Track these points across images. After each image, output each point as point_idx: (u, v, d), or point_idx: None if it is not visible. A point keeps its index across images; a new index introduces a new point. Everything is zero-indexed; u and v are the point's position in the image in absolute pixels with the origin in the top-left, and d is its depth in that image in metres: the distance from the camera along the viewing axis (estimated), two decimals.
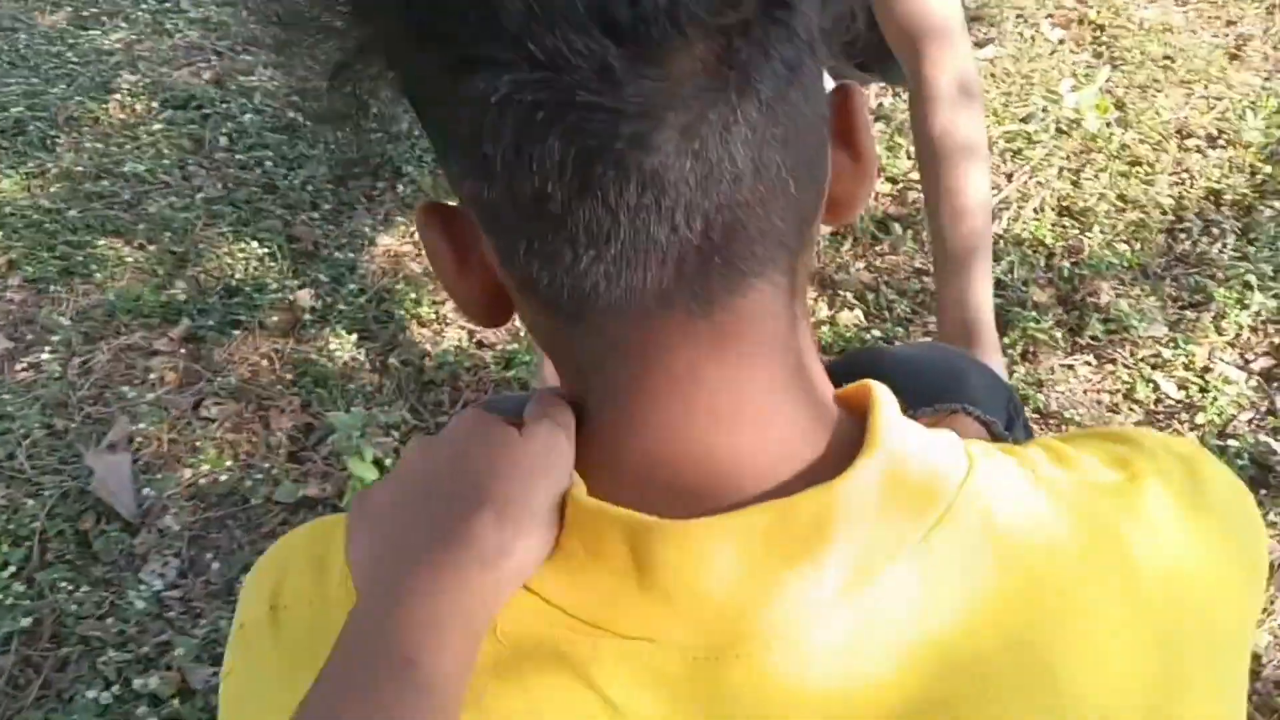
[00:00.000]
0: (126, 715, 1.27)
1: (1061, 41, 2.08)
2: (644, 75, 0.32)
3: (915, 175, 1.80)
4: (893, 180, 1.80)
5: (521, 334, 1.62)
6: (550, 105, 0.32)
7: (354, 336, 1.67)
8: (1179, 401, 1.41)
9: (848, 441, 0.39)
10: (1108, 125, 1.84)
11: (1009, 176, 1.78)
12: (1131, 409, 1.41)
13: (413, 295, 1.71)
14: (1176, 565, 0.40)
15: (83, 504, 1.48)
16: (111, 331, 1.73)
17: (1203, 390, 1.42)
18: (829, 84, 0.41)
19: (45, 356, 1.69)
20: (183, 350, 1.69)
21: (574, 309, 0.38)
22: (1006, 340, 1.51)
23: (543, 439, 0.39)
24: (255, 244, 1.84)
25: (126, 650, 1.33)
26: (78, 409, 1.61)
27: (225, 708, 0.45)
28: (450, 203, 0.42)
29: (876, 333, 1.54)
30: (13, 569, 1.41)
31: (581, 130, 0.33)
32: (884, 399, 0.41)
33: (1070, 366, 1.47)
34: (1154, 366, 1.46)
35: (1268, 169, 1.73)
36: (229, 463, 1.51)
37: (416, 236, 1.84)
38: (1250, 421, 1.38)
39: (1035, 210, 1.71)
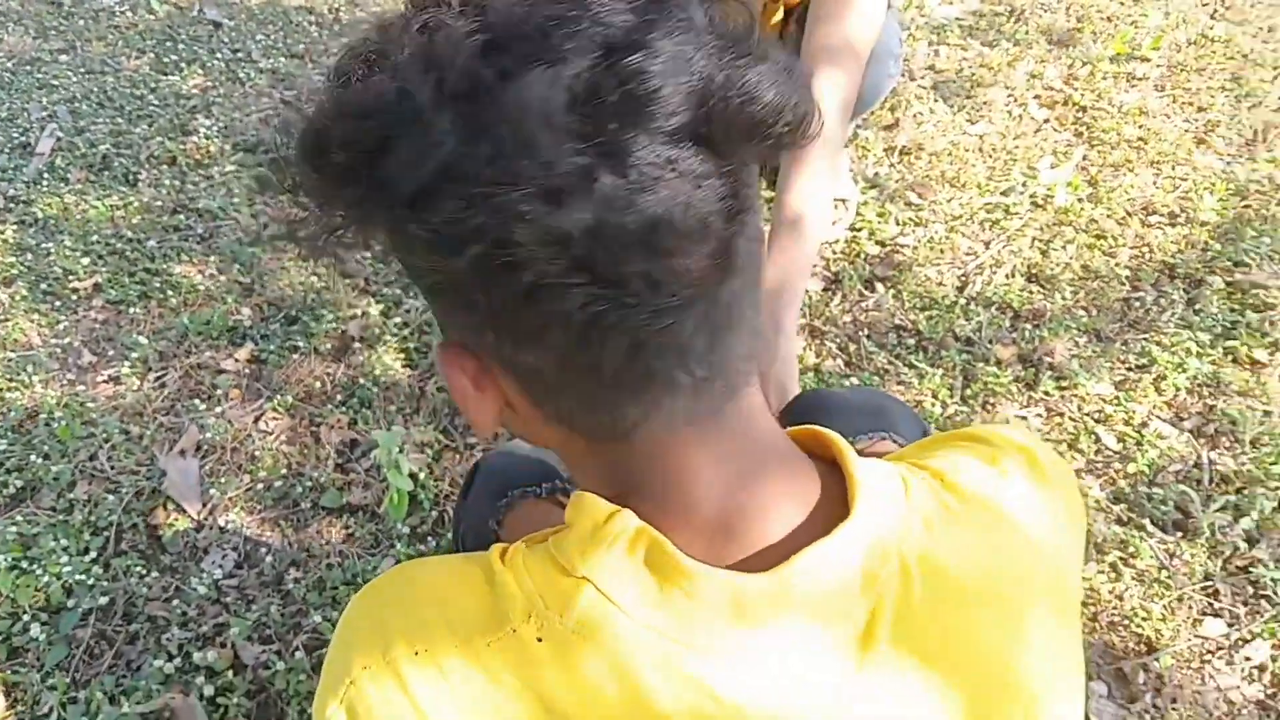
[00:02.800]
0: (186, 684, 1.45)
1: (1046, 121, 2.27)
2: (681, 282, 0.44)
3: (902, 239, 2.00)
4: (881, 244, 1.99)
5: None
6: (611, 311, 0.44)
7: (396, 364, 1.88)
8: (1115, 452, 1.59)
9: (831, 480, 0.55)
10: (1079, 201, 2.03)
11: (986, 244, 1.97)
12: (1074, 456, 1.60)
13: None
14: (1036, 532, 0.57)
15: (154, 501, 1.69)
16: (183, 351, 1.95)
17: (1138, 443, 1.60)
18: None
19: (125, 371, 1.91)
20: (246, 370, 1.91)
21: (614, 438, 0.51)
22: (968, 392, 1.70)
23: None
24: (314, 278, 2.07)
25: (188, 629, 1.52)
26: (152, 418, 1.83)
27: None
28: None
29: (855, 379, 1.73)
30: (93, 554, 1.61)
31: (634, 325, 0.45)
32: (847, 447, 0.56)
33: (1024, 417, 1.66)
34: (1097, 420, 1.64)
35: (1217, 246, 1.91)
36: (283, 470, 1.72)
37: None
38: (1177, 473, 1.56)
39: (1006, 276, 1.90)
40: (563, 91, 0.41)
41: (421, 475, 1.67)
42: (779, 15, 1.87)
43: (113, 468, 1.74)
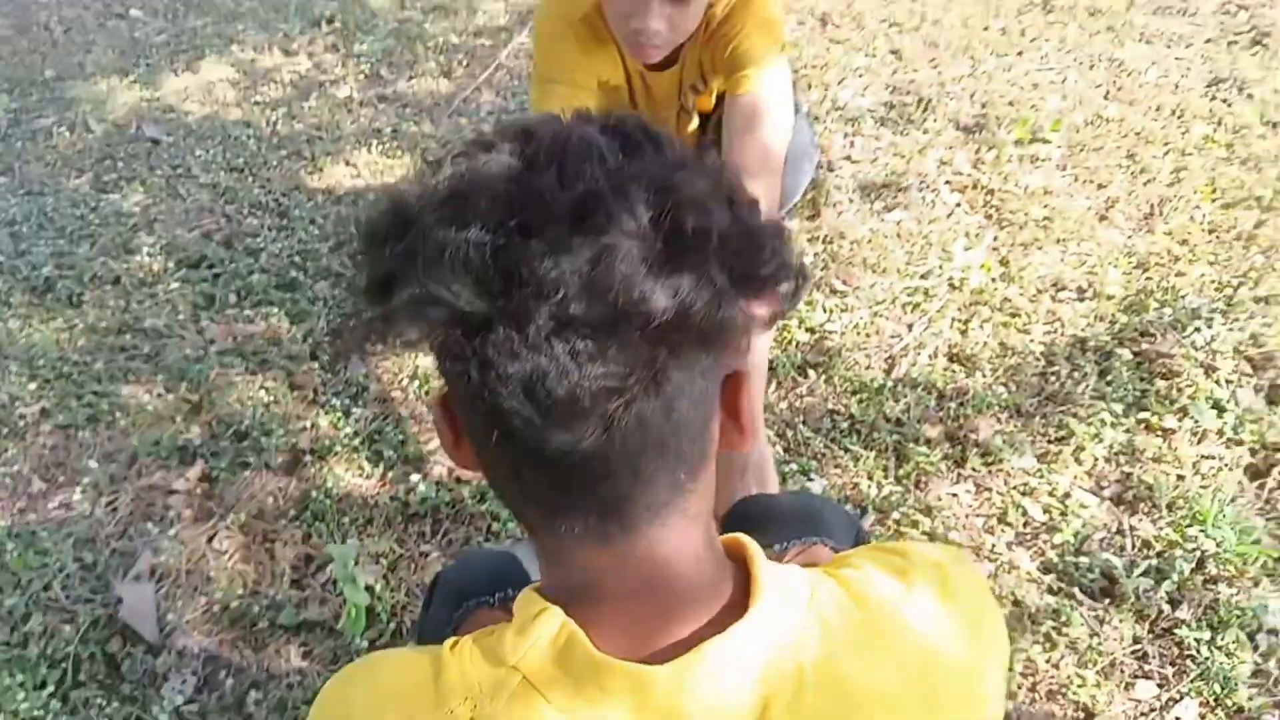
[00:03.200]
0: None
1: (958, 205, 2.41)
2: (560, 435, 0.52)
3: (830, 325, 2.10)
4: (811, 330, 2.09)
5: None
6: (495, 426, 0.54)
7: (348, 474, 1.91)
8: (1042, 523, 1.68)
9: (741, 583, 0.61)
10: (993, 280, 2.16)
11: (909, 327, 2.08)
12: (1004, 530, 1.68)
13: (400, 437, 1.97)
14: (938, 645, 0.63)
15: (111, 629, 1.69)
16: (134, 473, 1.96)
17: (1062, 514, 1.69)
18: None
19: (76, 496, 1.92)
20: (198, 489, 1.93)
21: (528, 526, 0.61)
22: (902, 471, 1.79)
23: None
24: (262, 392, 2.10)
25: None
26: (106, 544, 1.83)
27: None
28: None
29: (794, 465, 1.81)
30: (50, 688, 1.60)
31: (512, 447, 0.54)
32: (757, 553, 0.63)
33: (955, 494, 1.74)
34: (1023, 493, 1.73)
35: (1124, 318, 2.04)
36: (240, 590, 1.74)
37: (404, 383, 2.11)
38: (1101, 541, 1.65)
39: (930, 357, 2.00)
40: (470, 249, 0.50)
41: (378, 587, 1.69)
42: (695, 123, 1.98)
43: (68, 597, 1.74)
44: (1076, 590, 1.58)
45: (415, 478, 1.87)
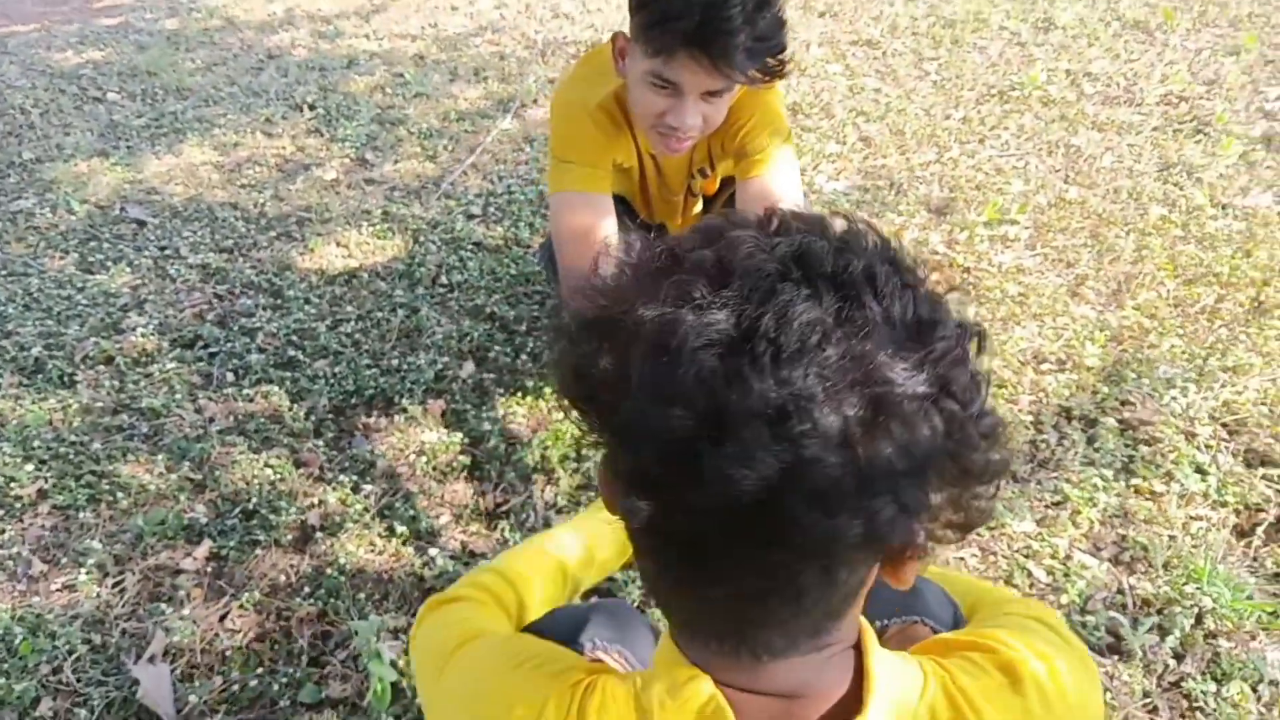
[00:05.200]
0: None
1: (936, 283, 2.53)
2: (718, 582, 0.58)
3: None
4: None
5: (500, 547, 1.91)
6: (665, 562, 0.62)
7: (360, 550, 1.92)
8: (1047, 584, 1.75)
9: (858, 673, 0.65)
10: (977, 355, 2.26)
11: None
12: (1011, 591, 1.75)
13: (410, 512, 1.98)
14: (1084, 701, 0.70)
15: (127, 711, 1.66)
16: (139, 553, 1.94)
17: (1065, 575, 1.76)
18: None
19: (81, 578, 1.88)
20: (208, 568, 1.91)
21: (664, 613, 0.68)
22: None
23: None
24: (267, 470, 2.10)
25: None
26: (115, 625, 1.80)
27: None
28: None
29: None
30: None
31: (669, 582, 0.64)
32: (872, 643, 0.66)
33: (962, 558, 1.81)
34: (1026, 556, 1.80)
35: (1104, 388, 2.15)
36: (258, 669, 1.72)
37: (410, 459, 2.13)
38: (1103, 600, 1.72)
39: None
40: (666, 435, 0.53)
41: (401, 663, 1.69)
42: (699, 207, 2.07)
43: (79, 680, 1.71)
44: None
45: (434, 551, 1.88)
